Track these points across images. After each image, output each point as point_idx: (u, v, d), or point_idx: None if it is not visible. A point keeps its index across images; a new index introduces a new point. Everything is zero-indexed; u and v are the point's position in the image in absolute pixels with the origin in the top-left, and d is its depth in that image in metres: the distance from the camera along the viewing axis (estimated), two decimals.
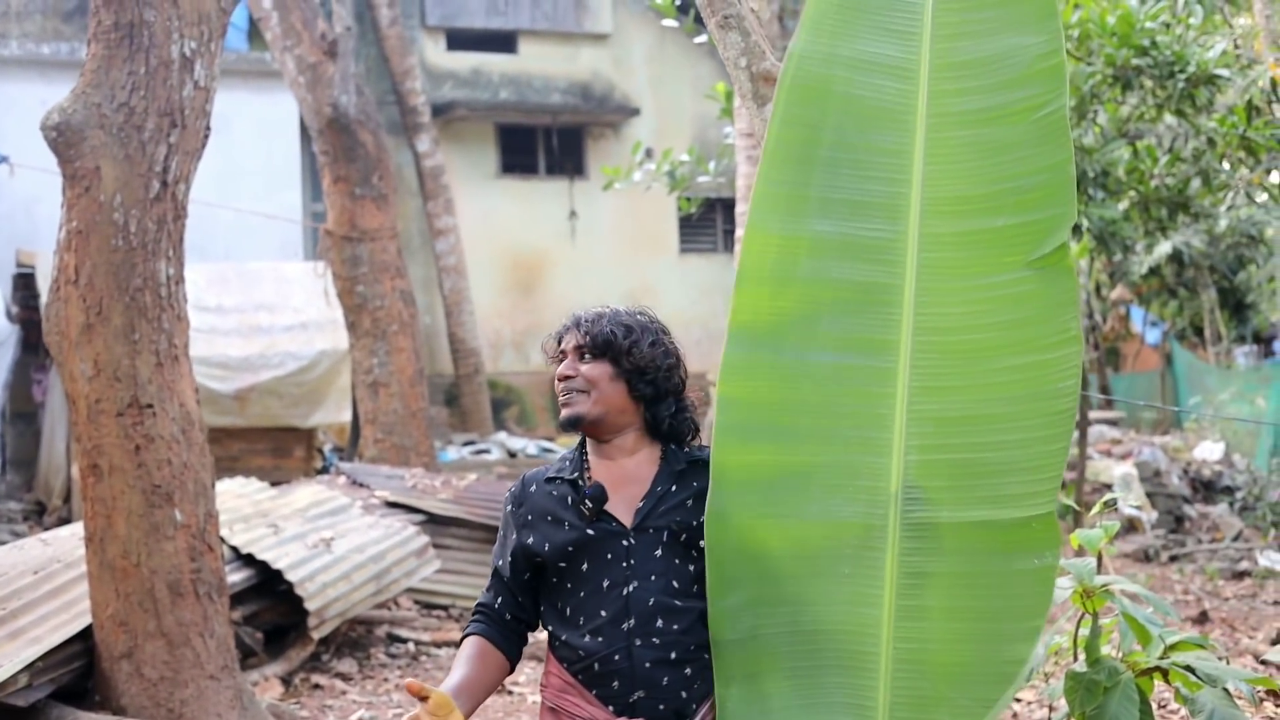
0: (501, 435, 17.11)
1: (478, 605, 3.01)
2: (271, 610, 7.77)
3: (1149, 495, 14.10)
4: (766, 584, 2.86)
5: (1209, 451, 16.51)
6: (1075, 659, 4.23)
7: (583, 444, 3.01)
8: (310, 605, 7.52)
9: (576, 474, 2.95)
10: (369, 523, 8.64)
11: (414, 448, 12.13)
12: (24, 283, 14.16)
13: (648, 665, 2.82)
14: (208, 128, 6.15)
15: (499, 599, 3.00)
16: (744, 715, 2.83)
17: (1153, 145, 11.25)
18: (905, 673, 2.78)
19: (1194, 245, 19.01)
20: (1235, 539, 12.69)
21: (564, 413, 2.94)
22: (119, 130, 5.91)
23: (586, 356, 2.93)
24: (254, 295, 13.55)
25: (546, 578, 2.95)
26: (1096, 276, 22.71)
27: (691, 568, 2.88)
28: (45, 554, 6.97)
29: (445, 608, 9.23)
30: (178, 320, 6.10)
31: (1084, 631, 4.21)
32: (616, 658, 2.83)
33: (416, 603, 9.13)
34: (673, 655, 2.83)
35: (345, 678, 7.73)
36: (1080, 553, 4.16)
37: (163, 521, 5.98)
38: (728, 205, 18.66)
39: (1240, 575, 10.93)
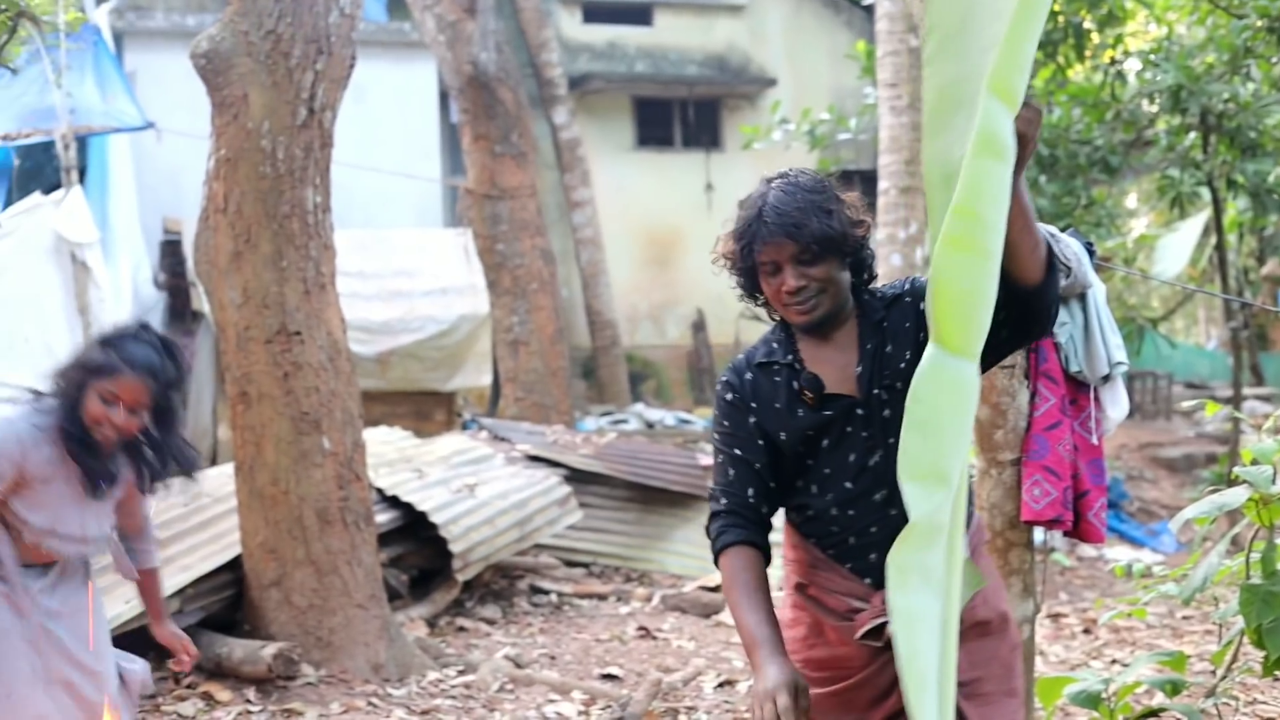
0: (639, 407, 16.98)
1: (730, 506, 2.78)
2: (416, 554, 7.76)
3: None
4: None
5: None
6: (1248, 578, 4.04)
7: (784, 321, 2.85)
8: (454, 547, 7.50)
9: (790, 357, 2.81)
10: (511, 472, 8.60)
11: (554, 406, 12.06)
12: (171, 250, 14.36)
13: None
14: (353, 56, 6.11)
15: (750, 490, 2.78)
16: None
17: None
18: None
19: None
20: None
21: (808, 319, 2.74)
22: (266, 57, 5.90)
23: (807, 258, 2.72)
24: (393, 261, 13.58)
25: (783, 459, 2.81)
26: (1244, 260, 22.03)
27: None
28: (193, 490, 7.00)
29: (586, 565, 9.15)
30: (325, 249, 6.08)
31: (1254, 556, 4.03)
32: (873, 530, 2.74)
33: (557, 560, 9.05)
34: None
35: (489, 622, 7.69)
36: None
37: (311, 449, 5.96)
38: (865, 177, 18.37)
39: None
